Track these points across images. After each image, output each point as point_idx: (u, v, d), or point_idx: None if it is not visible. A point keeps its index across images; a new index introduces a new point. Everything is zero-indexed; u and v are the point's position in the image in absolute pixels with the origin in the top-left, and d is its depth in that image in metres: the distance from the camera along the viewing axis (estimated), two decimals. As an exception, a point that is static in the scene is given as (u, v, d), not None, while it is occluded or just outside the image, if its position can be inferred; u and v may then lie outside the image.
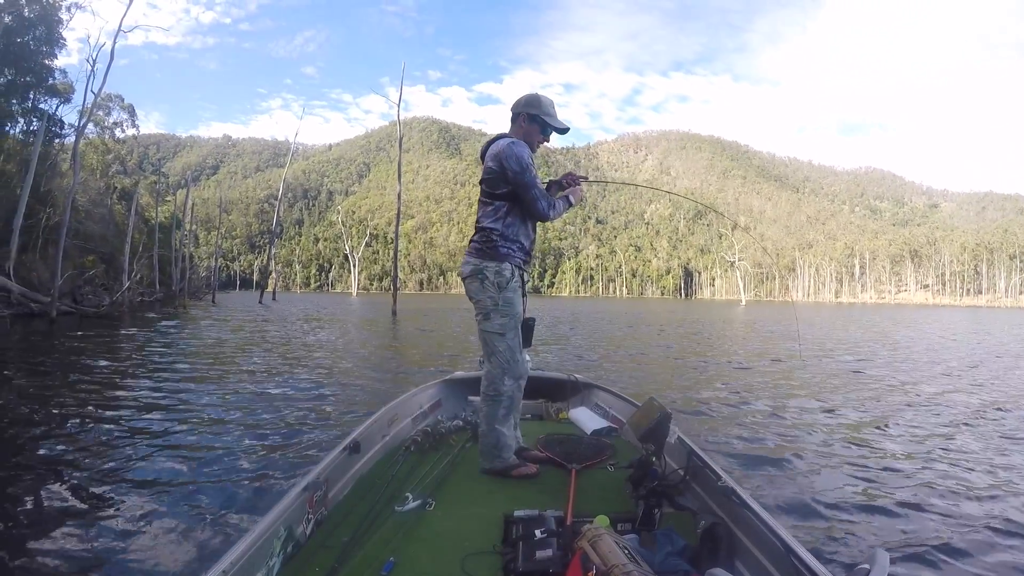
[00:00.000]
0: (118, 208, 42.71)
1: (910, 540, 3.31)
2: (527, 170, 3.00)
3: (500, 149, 3.03)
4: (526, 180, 3.00)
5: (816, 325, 28.40)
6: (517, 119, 3.21)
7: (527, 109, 3.18)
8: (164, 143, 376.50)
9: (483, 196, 3.14)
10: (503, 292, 3.03)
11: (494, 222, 3.08)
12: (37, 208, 26.55)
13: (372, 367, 10.44)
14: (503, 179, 3.02)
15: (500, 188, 3.05)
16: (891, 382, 9.46)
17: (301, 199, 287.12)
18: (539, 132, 3.22)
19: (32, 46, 29.08)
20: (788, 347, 15.48)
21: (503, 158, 2.99)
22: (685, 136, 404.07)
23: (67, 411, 6.41)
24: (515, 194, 3.05)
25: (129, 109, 48.21)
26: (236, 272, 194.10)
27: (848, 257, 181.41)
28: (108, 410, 6.53)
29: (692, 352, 14.25)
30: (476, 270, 3.05)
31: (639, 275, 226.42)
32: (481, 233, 3.11)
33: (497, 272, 3.02)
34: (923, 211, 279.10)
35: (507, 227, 3.08)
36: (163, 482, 4.15)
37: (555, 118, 3.24)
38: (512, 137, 3.15)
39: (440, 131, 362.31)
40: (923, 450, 5.26)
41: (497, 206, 3.08)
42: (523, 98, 3.23)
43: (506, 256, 3.06)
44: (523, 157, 3.00)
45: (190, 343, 14.20)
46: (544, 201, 3.08)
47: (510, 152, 2.99)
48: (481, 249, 3.07)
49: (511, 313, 3.05)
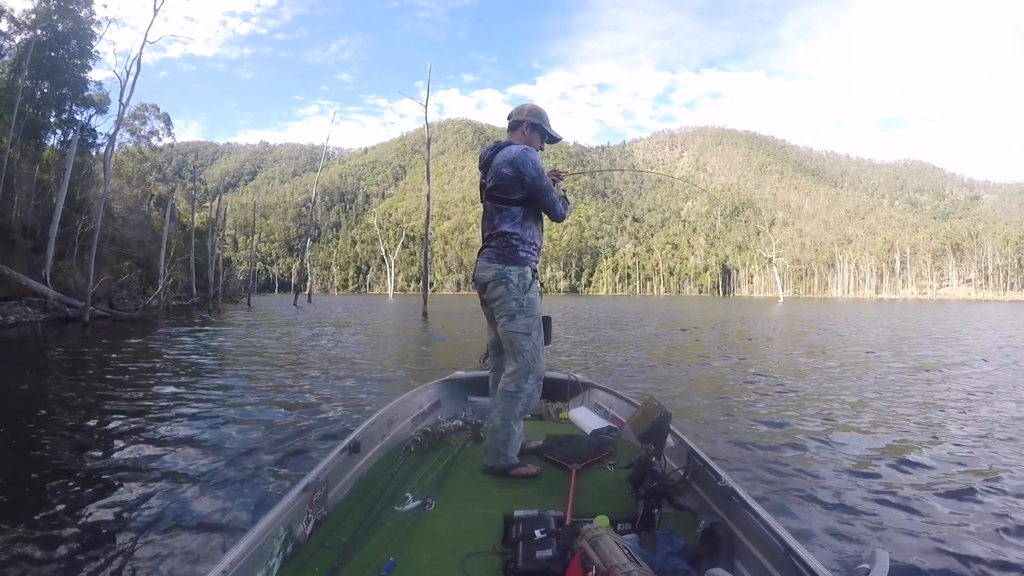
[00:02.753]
0: (155, 215, 43.84)
1: (910, 540, 3.28)
2: (543, 175, 3.11)
3: (515, 156, 3.10)
4: (543, 184, 3.11)
5: (862, 324, 27.46)
6: (519, 127, 3.31)
7: (531, 118, 3.31)
8: (202, 150, 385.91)
9: (496, 202, 3.19)
10: (527, 294, 3.12)
11: (513, 227, 3.15)
12: (73, 216, 27.46)
13: (382, 369, 10.43)
14: (519, 185, 3.11)
15: (516, 193, 3.13)
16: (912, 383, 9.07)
17: (338, 202, 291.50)
18: (539, 140, 3.36)
19: (67, 59, 30.00)
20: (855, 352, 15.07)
21: (520, 164, 3.07)
22: (720, 132, 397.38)
23: (68, 412, 6.56)
24: (529, 199, 3.15)
25: (164, 118, 49.57)
26: (275, 275, 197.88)
27: (888, 252, 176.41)
28: (109, 412, 6.64)
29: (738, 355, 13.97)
30: (500, 274, 3.11)
31: (676, 273, 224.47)
32: (500, 238, 3.16)
33: (520, 275, 3.12)
34: (964, 203, 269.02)
35: (525, 231, 3.18)
36: (163, 482, 4.20)
37: (552, 128, 3.40)
38: (512, 142, 3.24)
39: (475, 132, 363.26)
40: (926, 449, 5.11)
41: (514, 212, 3.16)
42: (525, 107, 3.36)
43: (525, 259, 3.16)
44: (538, 163, 3.12)
45: (209, 346, 14.31)
46: (560, 204, 3.22)
47: (526, 158, 3.08)
48: (502, 254, 3.14)
49: (535, 313, 3.15)
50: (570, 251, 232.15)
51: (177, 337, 16.67)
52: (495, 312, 3.18)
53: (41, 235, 24.94)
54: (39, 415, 6.45)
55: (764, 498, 3.75)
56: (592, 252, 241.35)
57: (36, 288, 21.98)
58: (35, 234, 25.50)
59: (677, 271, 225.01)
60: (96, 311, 22.63)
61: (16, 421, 6.16)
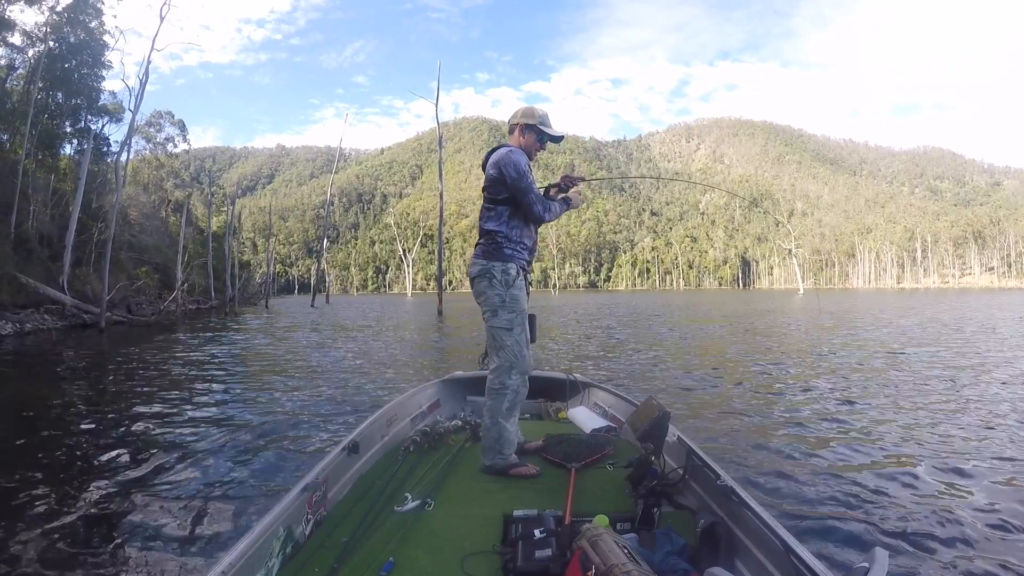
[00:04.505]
0: (172, 220, 44.32)
1: (910, 539, 3.25)
2: (524, 176, 3.17)
3: (499, 157, 3.20)
4: (522, 186, 3.16)
5: (890, 318, 26.95)
6: (514, 130, 3.40)
7: (523, 120, 3.36)
8: (220, 155, 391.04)
9: (486, 202, 3.29)
10: (510, 289, 3.16)
11: (498, 225, 3.22)
12: (90, 224, 27.89)
13: (385, 367, 10.49)
14: (503, 185, 3.18)
15: (501, 193, 3.21)
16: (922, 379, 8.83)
17: (356, 203, 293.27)
18: (536, 141, 3.39)
19: (80, 70, 30.48)
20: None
21: (502, 165, 3.17)
22: (737, 123, 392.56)
23: (67, 413, 6.70)
24: (515, 199, 3.21)
25: (179, 125, 50.14)
26: (294, 277, 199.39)
27: (909, 241, 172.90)
28: (109, 413, 6.80)
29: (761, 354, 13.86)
30: (484, 270, 3.18)
31: (696, 266, 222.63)
32: (487, 236, 3.25)
33: (504, 271, 3.16)
34: (985, 190, 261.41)
35: (511, 229, 3.23)
36: (163, 483, 4.27)
37: (550, 128, 3.40)
38: (508, 145, 3.33)
39: (490, 130, 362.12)
40: (929, 449, 5.02)
41: (500, 211, 3.23)
42: (519, 110, 3.42)
43: (511, 257, 3.20)
44: (520, 164, 3.18)
45: (215, 349, 14.38)
46: (539, 205, 3.24)
47: (508, 160, 3.17)
48: (487, 250, 3.21)
49: (518, 309, 3.18)
50: (588, 246, 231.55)
51: (185, 341, 16.86)
52: (480, 307, 3.24)
53: (58, 243, 25.35)
54: (38, 416, 6.58)
55: (764, 497, 3.75)
56: (611, 247, 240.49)
57: (53, 296, 22.37)
58: (52, 242, 25.97)
59: (696, 264, 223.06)
60: (113, 317, 23.00)
61: (14, 423, 6.30)
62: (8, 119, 27.77)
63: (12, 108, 27.94)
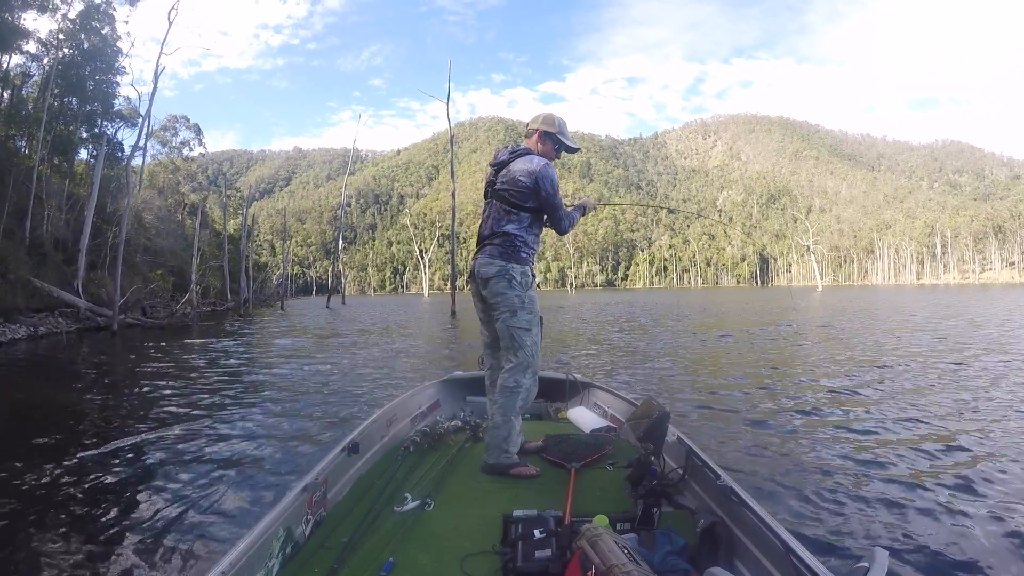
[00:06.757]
0: (188, 223, 44.71)
1: (910, 539, 3.26)
2: (557, 192, 3.25)
3: (536, 168, 3.19)
4: (555, 202, 3.25)
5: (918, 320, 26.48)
6: (533, 135, 3.41)
7: (544, 127, 3.40)
8: (237, 159, 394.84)
9: (508, 204, 3.28)
10: (528, 291, 3.22)
11: (518, 229, 3.26)
12: (104, 227, 28.23)
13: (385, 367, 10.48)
14: (534, 196, 3.22)
15: (529, 202, 3.24)
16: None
17: (373, 204, 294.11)
18: (553, 149, 3.43)
19: (94, 76, 30.88)
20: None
21: (539, 178, 3.18)
22: (753, 119, 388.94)
23: (66, 415, 6.76)
24: (540, 209, 3.29)
25: (195, 128, 50.58)
26: (312, 278, 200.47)
27: (928, 236, 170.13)
28: (108, 414, 6.86)
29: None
30: (503, 271, 3.20)
31: (714, 264, 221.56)
32: (505, 238, 3.26)
33: (523, 273, 3.22)
34: (1005, 184, 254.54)
35: (529, 235, 3.30)
36: (164, 483, 4.32)
37: (568, 138, 3.46)
38: (531, 151, 3.34)
39: (506, 130, 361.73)
40: (931, 450, 4.94)
41: (522, 216, 3.27)
42: (540, 116, 3.45)
43: (527, 260, 3.28)
44: (555, 179, 3.24)
45: (221, 351, 14.45)
46: (566, 220, 3.37)
47: (545, 174, 3.19)
48: (505, 252, 3.23)
49: (535, 311, 3.24)
50: (606, 245, 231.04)
51: (195, 342, 16.94)
52: (495, 308, 3.23)
53: (73, 247, 25.68)
54: (35, 417, 6.64)
55: (764, 497, 3.72)
56: (628, 245, 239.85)
57: (68, 299, 22.65)
58: (67, 246, 26.32)
59: (714, 262, 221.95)
60: (127, 319, 23.29)
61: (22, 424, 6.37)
62: (24, 125, 28.16)
63: (28, 115, 28.34)
